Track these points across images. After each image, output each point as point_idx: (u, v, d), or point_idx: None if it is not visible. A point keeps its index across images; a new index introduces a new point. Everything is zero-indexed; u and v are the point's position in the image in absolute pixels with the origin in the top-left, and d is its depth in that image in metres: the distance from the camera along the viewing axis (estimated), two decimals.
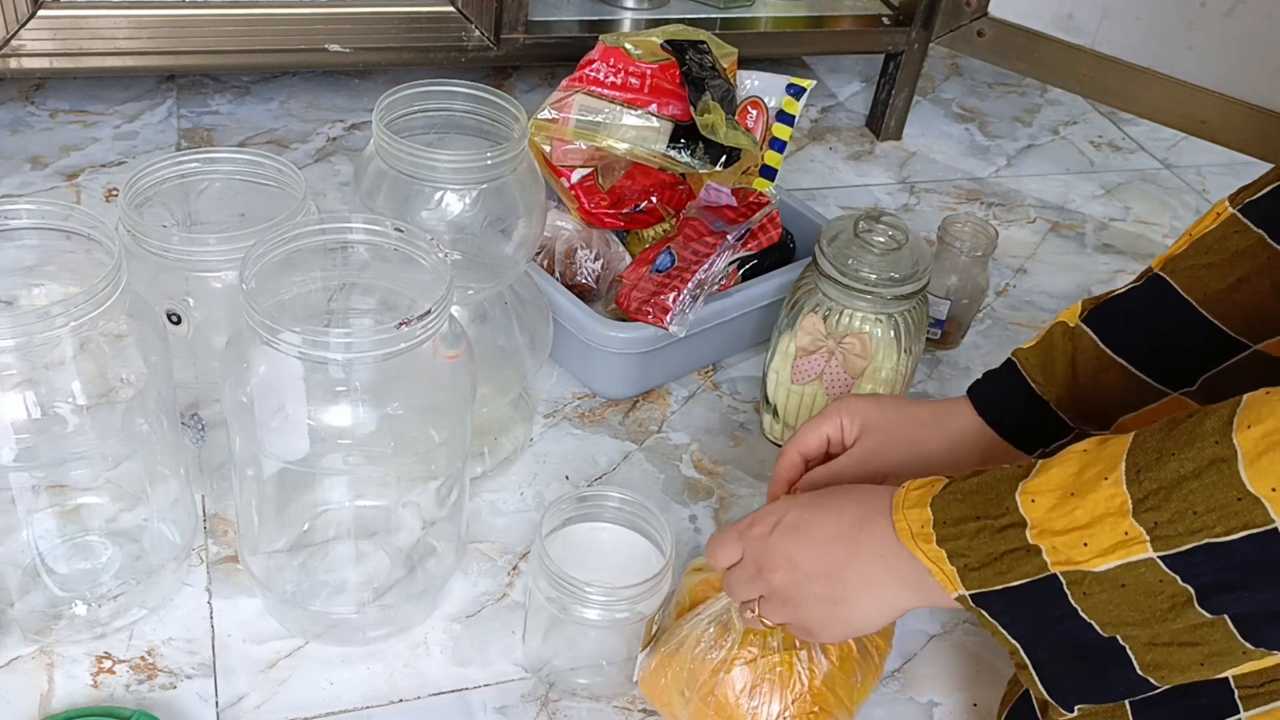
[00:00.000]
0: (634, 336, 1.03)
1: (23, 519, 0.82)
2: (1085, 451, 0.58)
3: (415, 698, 0.82)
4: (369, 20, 1.31)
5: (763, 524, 0.70)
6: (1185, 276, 0.72)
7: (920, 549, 0.62)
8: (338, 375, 0.73)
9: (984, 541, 0.59)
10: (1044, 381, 0.77)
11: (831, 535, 0.66)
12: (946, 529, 0.61)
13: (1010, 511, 0.58)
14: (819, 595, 0.67)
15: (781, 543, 0.68)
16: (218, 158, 0.86)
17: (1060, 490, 0.57)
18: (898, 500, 0.64)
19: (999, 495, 0.59)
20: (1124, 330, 0.74)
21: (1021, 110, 1.73)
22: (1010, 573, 0.58)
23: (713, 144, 1.09)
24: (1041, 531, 0.57)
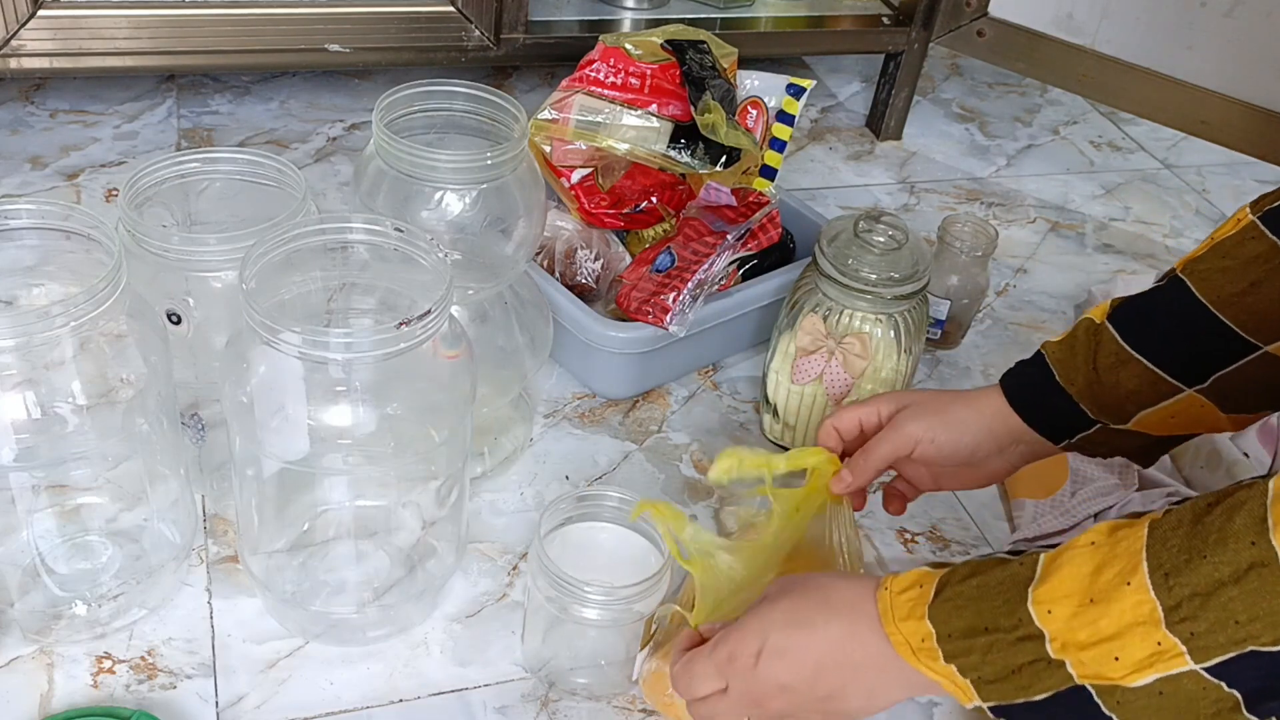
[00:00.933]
0: (634, 336, 1.03)
1: (23, 519, 0.82)
2: (1094, 545, 0.55)
3: (415, 698, 0.82)
4: (369, 20, 1.31)
5: (743, 652, 0.66)
6: (1201, 279, 0.73)
7: (925, 665, 0.60)
8: (338, 375, 0.73)
9: (999, 655, 0.57)
10: (1067, 374, 0.77)
11: (824, 659, 0.64)
12: (953, 643, 0.59)
13: (1024, 623, 0.56)
14: (823, 711, 0.65)
15: (771, 672, 0.65)
16: (218, 158, 0.86)
17: (1077, 596, 0.55)
18: (884, 609, 0.62)
19: (1008, 604, 0.57)
20: (1143, 328, 0.75)
21: (1021, 110, 1.73)
22: (1033, 687, 0.56)
23: (713, 144, 1.09)
24: (1064, 645, 0.55)
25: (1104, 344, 0.76)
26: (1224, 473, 1.03)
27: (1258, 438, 1.07)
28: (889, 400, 0.80)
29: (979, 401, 0.79)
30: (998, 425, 0.78)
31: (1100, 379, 0.76)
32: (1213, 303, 0.72)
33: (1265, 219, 0.70)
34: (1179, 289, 0.74)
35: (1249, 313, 0.71)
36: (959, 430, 0.78)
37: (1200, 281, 0.73)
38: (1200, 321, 0.73)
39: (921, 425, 0.78)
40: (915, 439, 0.78)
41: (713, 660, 0.68)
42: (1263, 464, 1.05)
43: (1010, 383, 0.79)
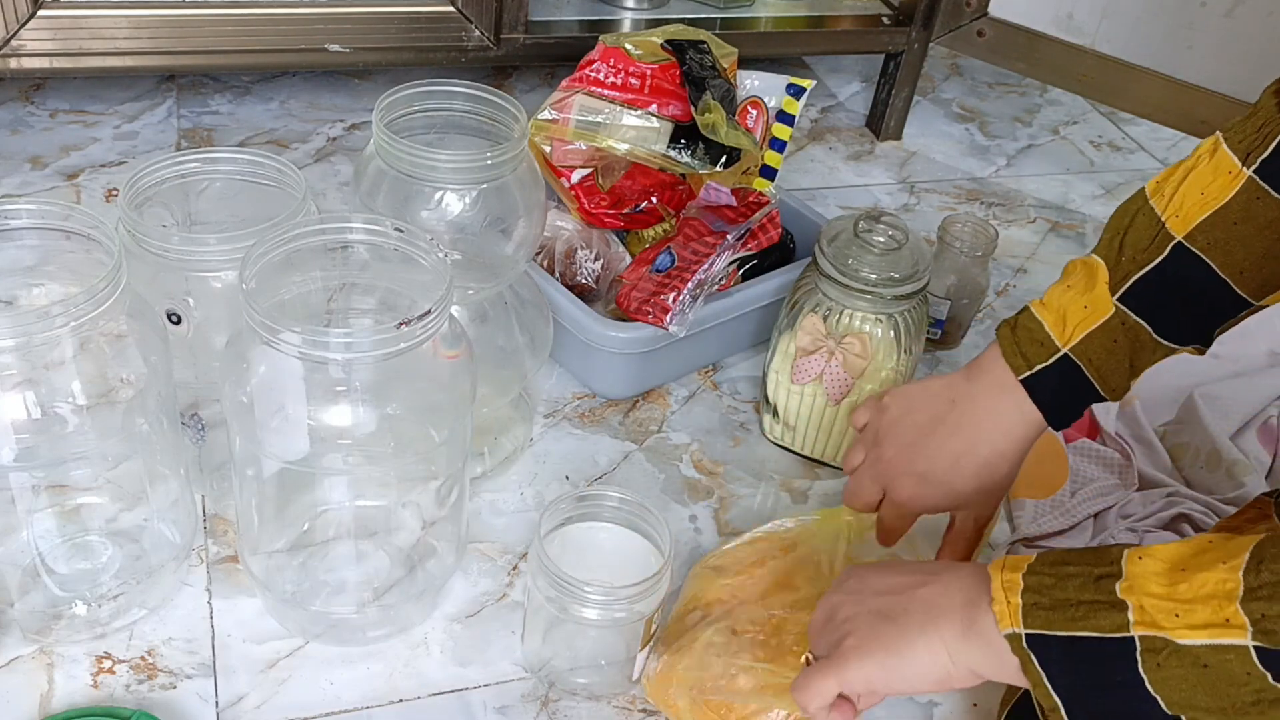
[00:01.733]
0: (634, 336, 1.03)
1: (23, 519, 0.82)
2: (1211, 542, 0.56)
3: (415, 698, 0.82)
4: (369, 20, 1.31)
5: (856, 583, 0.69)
6: (1222, 253, 0.70)
7: (1000, 576, 0.60)
8: (338, 375, 0.73)
9: (1071, 586, 0.58)
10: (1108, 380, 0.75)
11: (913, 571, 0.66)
12: (1041, 566, 0.59)
13: (1114, 563, 0.57)
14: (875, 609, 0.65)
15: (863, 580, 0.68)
16: (218, 158, 0.86)
17: (1172, 562, 0.55)
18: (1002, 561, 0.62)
19: (1111, 554, 0.58)
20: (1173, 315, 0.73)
21: (1021, 110, 1.73)
22: (1083, 621, 0.56)
23: (713, 144, 1.09)
24: (1132, 587, 0.55)
25: (1142, 345, 0.74)
26: (1224, 473, 1.03)
27: (1258, 438, 1.07)
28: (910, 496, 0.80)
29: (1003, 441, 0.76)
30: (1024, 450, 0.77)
31: (1134, 375, 0.75)
32: (1234, 277, 0.71)
33: (1263, 174, 0.69)
34: (1194, 264, 0.71)
35: (1260, 282, 0.71)
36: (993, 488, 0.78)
37: (1221, 256, 0.70)
38: (1219, 295, 0.71)
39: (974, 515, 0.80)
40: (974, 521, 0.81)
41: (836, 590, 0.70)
42: (1263, 464, 1.05)
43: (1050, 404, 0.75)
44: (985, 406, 0.76)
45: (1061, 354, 0.74)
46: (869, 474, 0.81)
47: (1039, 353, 0.75)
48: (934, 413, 0.78)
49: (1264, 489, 1.00)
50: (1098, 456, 1.05)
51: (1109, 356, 0.74)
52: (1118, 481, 1.02)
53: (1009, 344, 0.76)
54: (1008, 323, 0.77)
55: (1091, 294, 0.74)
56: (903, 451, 0.79)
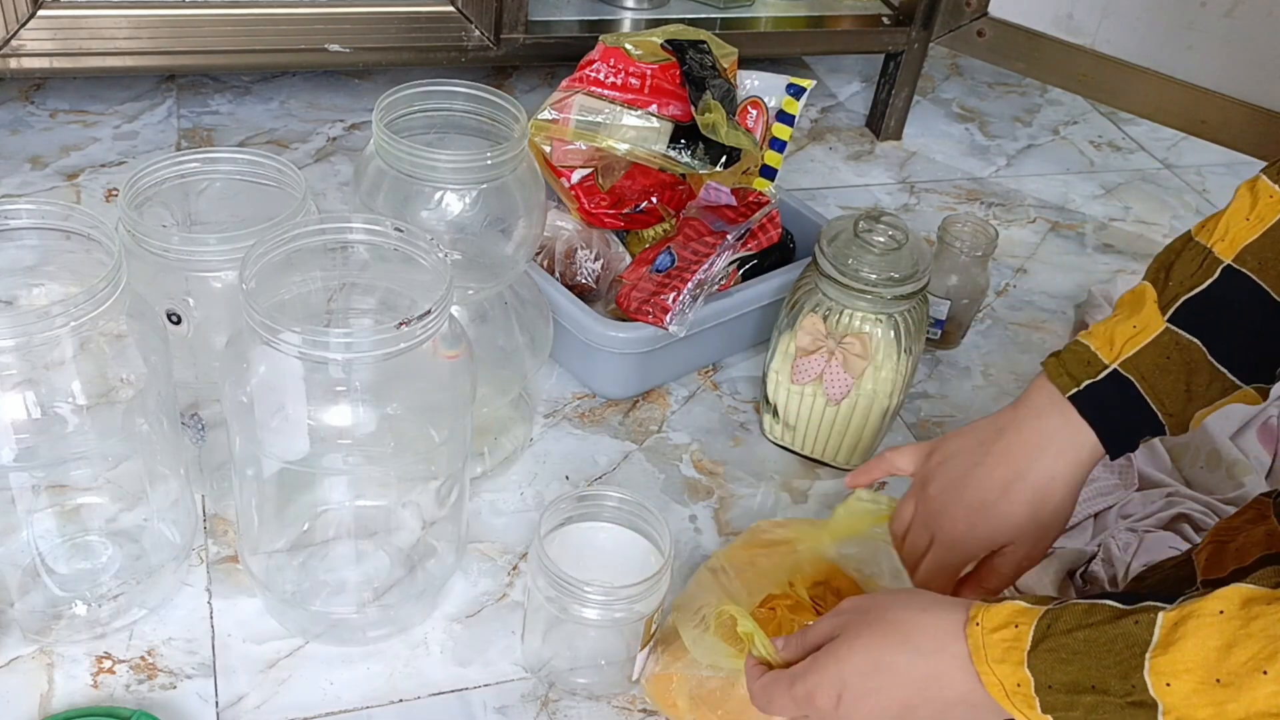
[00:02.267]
0: (634, 336, 1.03)
1: (23, 519, 0.82)
2: (1223, 615, 0.51)
3: (415, 698, 0.82)
4: (369, 20, 1.31)
5: (823, 694, 0.63)
6: (1273, 273, 0.68)
7: (1020, 710, 0.56)
8: (338, 375, 0.73)
9: (1104, 717, 0.54)
10: (1165, 403, 0.71)
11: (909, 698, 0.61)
12: (1054, 695, 0.55)
13: (1138, 690, 0.52)
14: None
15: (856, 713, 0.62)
16: (218, 158, 0.86)
17: (1201, 672, 0.51)
18: (975, 647, 0.58)
19: (1121, 667, 0.53)
20: (1228, 338, 0.70)
21: (1021, 110, 1.73)
22: None
23: (713, 144, 1.09)
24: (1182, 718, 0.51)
25: (1197, 366, 0.70)
26: (1224, 473, 1.03)
27: (1258, 438, 1.07)
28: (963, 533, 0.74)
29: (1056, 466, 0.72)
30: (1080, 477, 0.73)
31: (1192, 399, 0.71)
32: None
33: None
34: (1245, 286, 0.69)
35: None
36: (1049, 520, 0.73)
37: (1273, 276, 0.68)
38: (1276, 319, 0.69)
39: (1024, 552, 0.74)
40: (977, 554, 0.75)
41: (791, 695, 0.65)
42: (1262, 464, 1.05)
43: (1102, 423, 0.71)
44: (1034, 428, 0.72)
45: (1111, 369, 0.71)
46: (918, 520, 0.77)
47: (1086, 371, 0.72)
48: (981, 441, 0.75)
49: (1264, 489, 1.00)
50: None
51: (1162, 374, 0.71)
52: (1118, 481, 1.02)
53: (1054, 367, 0.73)
54: (1054, 353, 0.74)
55: (1140, 314, 0.72)
56: (950, 486, 0.75)
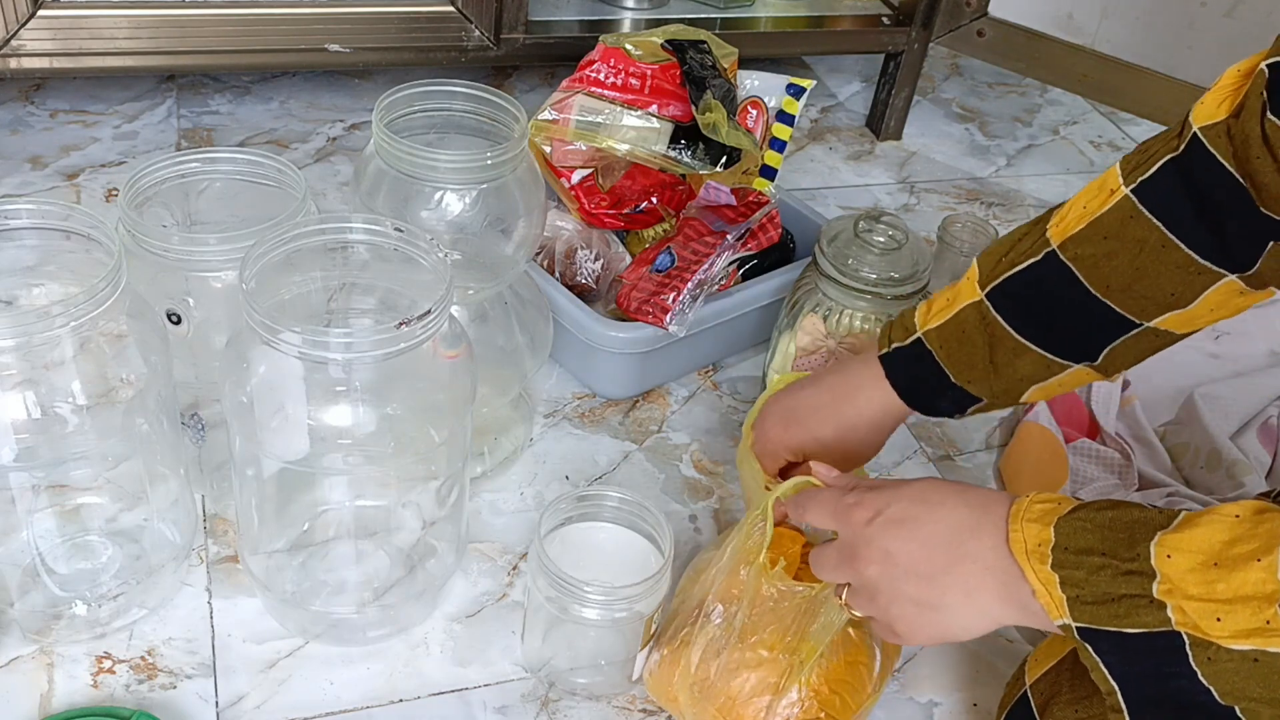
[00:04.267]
0: (634, 336, 1.03)
1: (23, 519, 0.82)
2: (1238, 519, 0.55)
3: (415, 698, 0.82)
4: (369, 20, 1.31)
5: (864, 509, 0.67)
6: (1089, 266, 0.73)
7: (1031, 567, 0.60)
8: (338, 375, 0.73)
9: (1104, 579, 0.57)
10: (963, 372, 0.79)
11: (936, 538, 0.64)
12: (1065, 555, 0.59)
13: (1140, 559, 0.56)
14: (912, 598, 0.64)
15: (881, 535, 0.65)
16: (218, 158, 0.86)
17: (1203, 555, 0.55)
18: (1016, 511, 0.62)
19: (1132, 538, 0.57)
20: (1034, 317, 0.76)
21: (1021, 110, 1.73)
22: (1127, 618, 0.56)
23: (713, 145, 1.09)
24: (1171, 590, 0.55)
25: (997, 336, 0.77)
26: (1224, 473, 1.03)
27: (1258, 437, 1.07)
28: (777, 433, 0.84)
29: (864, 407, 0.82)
30: (887, 421, 0.82)
31: (998, 371, 0.78)
32: (1101, 290, 0.73)
33: (1142, 195, 0.71)
34: (1062, 273, 0.74)
35: (1135, 297, 0.73)
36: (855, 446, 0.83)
37: (1086, 268, 0.73)
38: (1090, 307, 0.74)
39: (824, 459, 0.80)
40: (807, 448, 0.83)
41: (838, 503, 0.69)
42: (1263, 464, 1.05)
43: (901, 383, 0.81)
44: (856, 373, 0.83)
45: (915, 337, 0.80)
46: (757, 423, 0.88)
47: (900, 335, 0.81)
48: (819, 372, 0.88)
49: (1264, 489, 1.00)
50: (1098, 456, 1.05)
51: (959, 346, 0.78)
52: (1118, 481, 1.02)
53: (884, 327, 0.83)
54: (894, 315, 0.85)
55: (957, 287, 0.80)
56: (778, 399, 0.86)
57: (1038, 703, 0.74)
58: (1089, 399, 1.11)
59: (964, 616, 0.64)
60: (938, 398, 0.81)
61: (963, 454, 1.09)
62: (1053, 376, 0.78)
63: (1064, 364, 0.77)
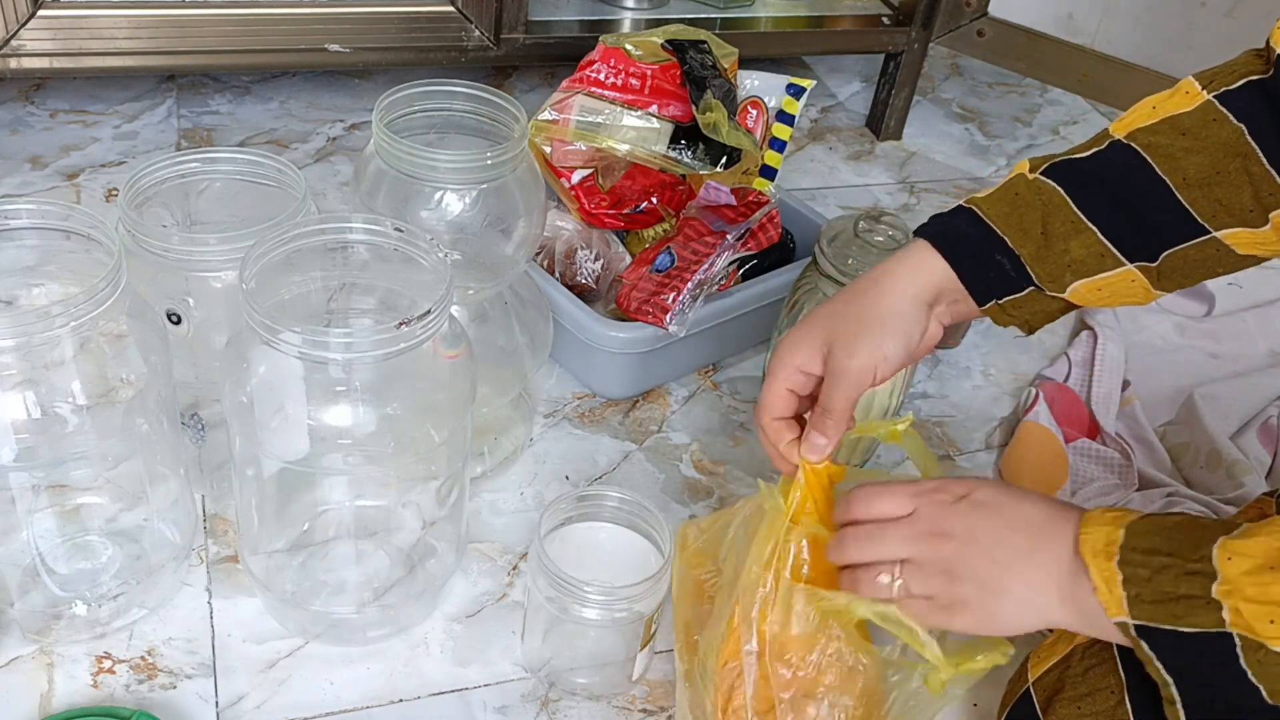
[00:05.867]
0: (634, 336, 1.03)
1: (23, 519, 0.82)
2: None
3: (415, 698, 0.82)
4: (369, 20, 1.31)
5: (946, 493, 0.68)
6: (1164, 156, 0.70)
7: (1095, 564, 0.61)
8: (338, 375, 0.73)
9: (1166, 579, 0.59)
10: (1014, 235, 0.73)
11: (1018, 522, 0.65)
12: (1132, 554, 0.60)
13: (1203, 560, 0.58)
14: (981, 578, 0.65)
15: (966, 515, 0.66)
16: (218, 158, 0.86)
17: (1262, 559, 0.57)
18: (1089, 515, 0.64)
19: (1196, 541, 0.59)
20: (1099, 197, 0.72)
21: (1021, 110, 1.73)
22: (1185, 618, 0.58)
23: (713, 144, 1.09)
24: (1230, 591, 0.57)
25: (1056, 206, 0.73)
26: (1224, 473, 1.03)
27: (1258, 437, 1.07)
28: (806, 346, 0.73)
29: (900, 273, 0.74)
30: (927, 289, 0.74)
31: (1050, 245, 0.73)
32: (1176, 184, 0.70)
33: (1225, 101, 0.69)
34: (1130, 158, 0.71)
35: (1210, 199, 0.70)
36: (900, 325, 0.73)
37: (1162, 158, 0.70)
38: (1160, 198, 0.71)
39: (866, 352, 0.72)
40: (870, 370, 0.72)
41: (918, 486, 0.69)
42: (1263, 464, 1.05)
43: (945, 242, 0.74)
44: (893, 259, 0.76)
45: (958, 205, 0.76)
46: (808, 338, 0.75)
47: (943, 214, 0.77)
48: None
49: (1264, 489, 1.00)
50: (1098, 456, 1.05)
51: (1010, 208, 0.73)
52: (1118, 481, 1.02)
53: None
54: None
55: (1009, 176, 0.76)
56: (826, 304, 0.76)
57: (1040, 700, 0.74)
58: (1089, 399, 1.11)
59: (1020, 609, 0.65)
60: (985, 263, 0.74)
61: (963, 454, 1.09)
62: (1103, 272, 0.73)
63: (1118, 259, 0.72)
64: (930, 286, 0.74)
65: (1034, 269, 0.73)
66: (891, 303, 0.73)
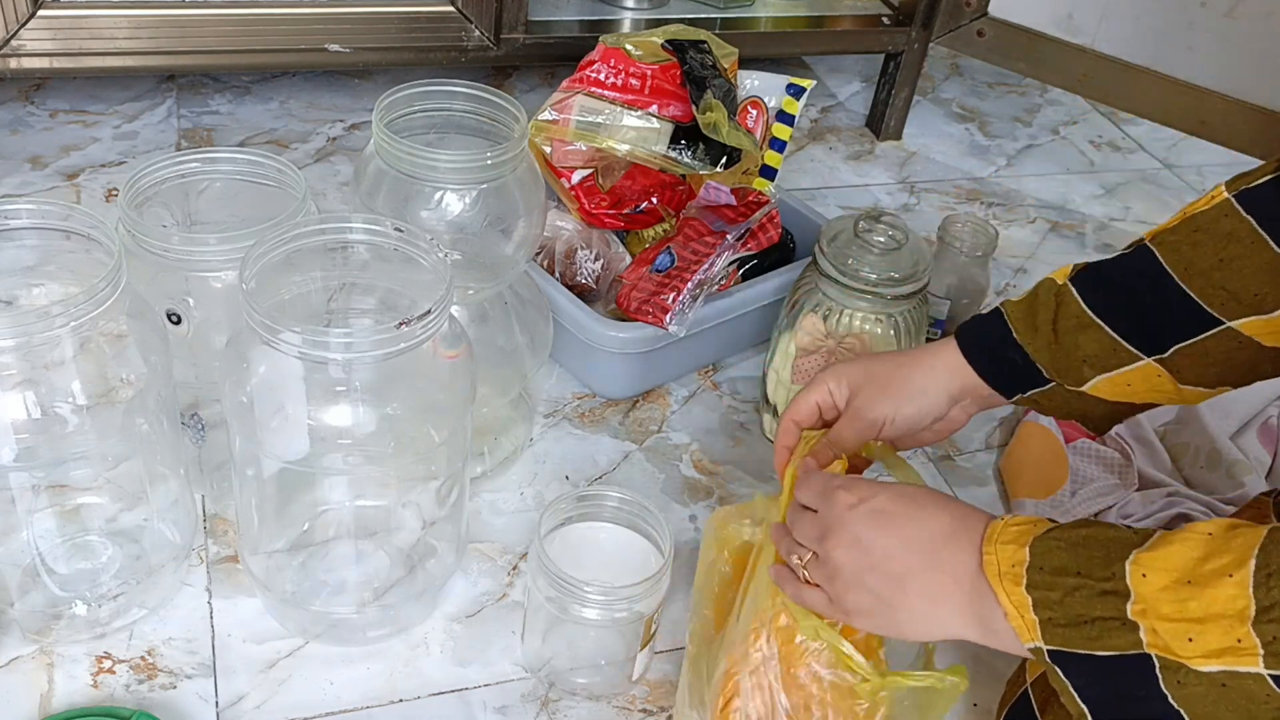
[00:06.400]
0: (634, 336, 1.03)
1: (23, 519, 0.82)
2: (1211, 536, 0.55)
3: (415, 698, 0.82)
4: (369, 20, 1.31)
5: (850, 493, 0.67)
6: (1171, 250, 0.72)
7: (1004, 589, 0.59)
8: (338, 375, 0.73)
9: (1078, 601, 0.57)
10: (1024, 331, 0.77)
11: (914, 540, 0.64)
12: (1040, 575, 0.58)
13: (1116, 578, 0.56)
14: (874, 591, 0.64)
15: (860, 523, 0.65)
16: (218, 158, 0.86)
17: (1177, 573, 0.54)
18: (993, 532, 0.62)
19: (1107, 557, 0.57)
20: (1107, 293, 0.75)
21: (1021, 110, 1.73)
22: (1100, 640, 0.56)
23: (713, 144, 1.09)
24: (1145, 610, 0.55)
25: (1065, 305, 0.76)
26: (1224, 473, 1.03)
27: (1258, 437, 1.07)
28: (838, 378, 0.80)
29: (932, 362, 0.79)
30: (954, 383, 0.79)
31: (1059, 340, 0.76)
32: (1180, 274, 0.71)
33: (1240, 198, 0.70)
34: (1146, 257, 0.73)
35: (1216, 287, 0.71)
36: (919, 401, 0.78)
37: (1169, 252, 0.72)
38: (1164, 291, 0.72)
39: (883, 407, 0.78)
40: (880, 422, 0.78)
41: (827, 483, 0.69)
42: (1263, 464, 1.05)
43: (967, 339, 0.79)
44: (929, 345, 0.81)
45: (994, 308, 0.80)
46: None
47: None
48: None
49: (1264, 489, 1.00)
50: (1098, 456, 1.05)
51: (1027, 308, 0.77)
52: (1118, 481, 1.02)
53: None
54: None
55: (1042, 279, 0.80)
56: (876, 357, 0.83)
57: (1038, 700, 0.74)
58: None
59: (919, 621, 0.64)
60: (999, 360, 0.78)
61: (963, 454, 1.09)
62: (1120, 367, 0.75)
63: (1131, 352, 0.74)
64: (955, 384, 0.79)
65: (1044, 364, 0.77)
66: (920, 383, 0.79)
